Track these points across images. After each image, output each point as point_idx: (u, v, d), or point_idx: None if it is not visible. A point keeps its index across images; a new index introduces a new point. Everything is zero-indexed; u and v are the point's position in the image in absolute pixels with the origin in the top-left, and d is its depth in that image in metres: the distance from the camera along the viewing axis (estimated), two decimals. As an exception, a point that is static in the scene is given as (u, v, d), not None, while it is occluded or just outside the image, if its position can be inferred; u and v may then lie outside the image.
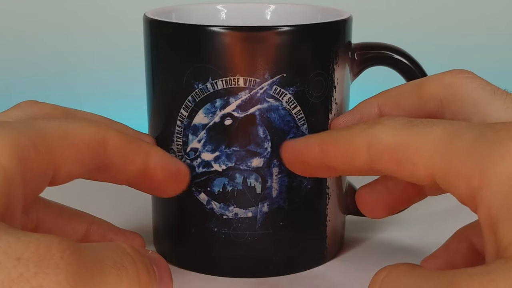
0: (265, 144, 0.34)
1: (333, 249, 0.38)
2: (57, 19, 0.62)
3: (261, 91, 0.33)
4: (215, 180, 0.35)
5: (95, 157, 0.30)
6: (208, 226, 0.35)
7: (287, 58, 0.33)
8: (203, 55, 0.33)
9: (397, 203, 0.35)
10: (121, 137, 0.30)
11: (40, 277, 0.21)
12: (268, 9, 0.39)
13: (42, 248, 0.22)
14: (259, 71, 0.33)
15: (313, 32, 0.34)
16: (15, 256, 0.21)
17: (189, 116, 0.34)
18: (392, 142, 0.28)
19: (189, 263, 0.36)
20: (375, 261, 0.37)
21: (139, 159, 0.31)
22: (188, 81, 0.33)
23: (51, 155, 0.27)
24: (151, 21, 0.35)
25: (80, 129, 0.29)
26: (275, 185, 0.35)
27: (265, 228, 0.35)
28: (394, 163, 0.28)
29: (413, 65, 0.37)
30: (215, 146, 0.34)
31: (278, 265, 0.36)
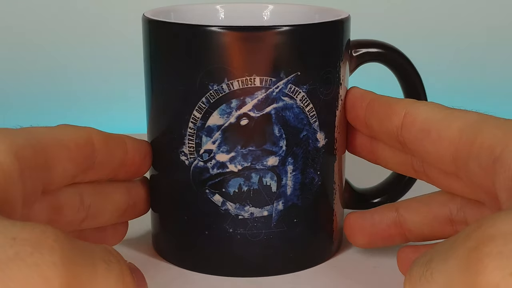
0: (280, 142, 0.34)
1: (337, 244, 0.39)
2: (56, 20, 0.61)
3: (276, 90, 0.33)
4: (230, 181, 0.34)
5: (86, 156, 0.32)
6: (223, 227, 0.35)
7: (301, 57, 0.34)
8: (218, 56, 0.33)
9: (378, 236, 0.36)
10: (101, 134, 0.34)
11: (35, 257, 0.22)
12: (266, 9, 0.39)
13: (37, 232, 0.23)
14: (275, 70, 0.33)
15: (324, 30, 0.34)
16: (11, 236, 0.22)
17: (202, 118, 0.34)
18: (426, 115, 0.32)
19: (203, 266, 0.36)
20: (375, 253, 0.38)
21: (119, 150, 0.35)
22: (202, 83, 0.33)
23: (46, 154, 0.29)
24: (158, 22, 0.35)
25: (68, 132, 0.32)
26: (290, 183, 0.35)
27: (280, 226, 0.35)
28: (422, 132, 0.31)
29: (406, 63, 0.38)
30: (230, 147, 0.34)
31: (293, 262, 0.36)
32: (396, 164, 0.36)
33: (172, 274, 0.36)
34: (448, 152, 0.30)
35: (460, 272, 0.22)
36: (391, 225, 0.36)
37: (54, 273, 0.22)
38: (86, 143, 0.32)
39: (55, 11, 0.61)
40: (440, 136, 0.31)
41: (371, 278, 0.36)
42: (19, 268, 0.21)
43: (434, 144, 0.31)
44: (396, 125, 0.33)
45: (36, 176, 0.29)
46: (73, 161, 0.31)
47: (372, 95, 0.35)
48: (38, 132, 0.30)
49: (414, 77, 0.39)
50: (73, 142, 0.31)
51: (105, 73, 0.62)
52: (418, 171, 0.35)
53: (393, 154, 0.36)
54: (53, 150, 0.30)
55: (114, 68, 0.62)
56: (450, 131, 0.30)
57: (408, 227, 0.35)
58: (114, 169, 0.35)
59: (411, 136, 0.32)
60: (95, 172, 0.34)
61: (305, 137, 0.35)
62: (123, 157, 0.35)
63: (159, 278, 0.36)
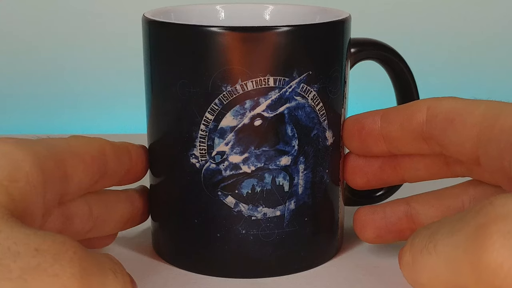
0: (292, 142, 0.34)
1: (341, 241, 0.39)
2: (56, 20, 0.61)
3: (289, 89, 0.33)
4: (243, 182, 0.34)
5: (99, 167, 0.33)
6: (236, 229, 0.35)
7: (314, 56, 0.34)
8: (232, 57, 0.33)
9: (388, 230, 0.37)
10: (112, 144, 0.34)
11: (56, 268, 0.23)
12: (267, 9, 0.39)
13: (58, 243, 0.24)
14: (289, 70, 0.33)
15: (335, 29, 0.34)
16: (34, 247, 0.23)
17: (215, 120, 0.33)
18: (449, 105, 0.32)
19: (215, 269, 0.36)
20: (376, 253, 0.38)
21: (126, 158, 0.35)
22: (215, 84, 0.33)
23: (65, 167, 0.30)
24: (167, 24, 0.34)
25: (82, 144, 0.33)
26: (301, 182, 0.35)
27: (292, 225, 0.35)
28: (447, 122, 0.32)
29: (400, 62, 0.39)
30: (244, 148, 0.34)
31: (304, 261, 0.37)
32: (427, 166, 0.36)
33: (175, 276, 0.36)
34: (470, 137, 0.31)
35: (466, 246, 0.23)
36: (402, 218, 0.36)
37: (73, 284, 0.23)
38: (100, 155, 0.33)
39: (54, 11, 0.60)
40: (463, 123, 0.31)
41: (372, 278, 0.36)
42: (41, 278, 0.23)
43: (458, 131, 0.32)
44: (420, 122, 0.33)
45: (55, 188, 0.30)
46: (88, 173, 0.32)
47: (379, 110, 0.36)
48: (57, 144, 0.31)
49: (407, 76, 0.39)
50: (89, 154, 0.32)
51: (105, 74, 0.61)
52: (450, 162, 0.35)
53: (418, 161, 0.36)
54: (70, 163, 0.31)
55: (113, 69, 0.61)
56: (473, 116, 0.31)
57: (420, 220, 0.36)
58: (122, 177, 0.36)
59: (436, 127, 0.33)
60: (105, 181, 0.34)
61: (316, 136, 0.35)
62: (129, 165, 0.36)
63: (161, 279, 0.36)
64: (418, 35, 0.62)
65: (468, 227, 0.23)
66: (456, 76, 0.64)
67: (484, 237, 0.22)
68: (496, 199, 0.23)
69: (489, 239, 0.22)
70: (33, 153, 0.28)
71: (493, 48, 0.64)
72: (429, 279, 0.26)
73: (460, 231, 0.23)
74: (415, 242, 0.26)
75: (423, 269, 0.26)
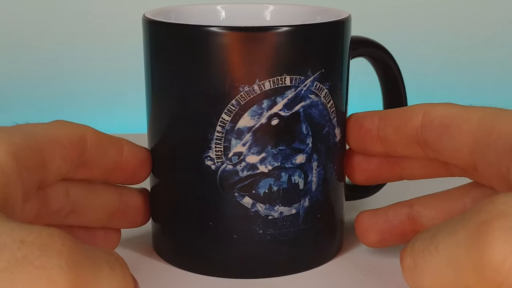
0: (307, 140, 0.35)
1: (342, 237, 0.40)
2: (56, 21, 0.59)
3: (304, 88, 0.34)
4: (260, 182, 0.34)
5: (79, 154, 0.32)
6: (253, 229, 0.35)
7: (325, 54, 0.34)
8: (250, 58, 0.33)
9: (391, 233, 0.37)
10: (97, 133, 0.34)
11: (43, 260, 0.22)
12: (267, 9, 0.39)
13: (45, 235, 0.23)
14: (304, 68, 0.33)
15: (343, 27, 0.35)
16: (19, 239, 0.22)
17: (232, 121, 0.33)
18: (445, 112, 0.33)
19: (230, 270, 0.36)
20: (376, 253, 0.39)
21: (113, 151, 0.35)
22: (232, 85, 0.33)
23: (41, 153, 0.30)
24: (176, 26, 0.34)
25: (61, 129, 0.32)
26: (314, 179, 0.35)
27: (306, 222, 0.36)
28: (442, 128, 0.32)
29: (390, 60, 0.40)
30: (261, 148, 0.34)
31: (317, 258, 0.37)
32: (424, 166, 0.36)
33: (181, 279, 0.36)
34: (466, 144, 0.31)
35: (467, 244, 0.23)
36: (404, 221, 0.36)
37: (61, 276, 0.22)
38: (80, 141, 0.32)
39: (54, 12, 0.59)
40: (460, 129, 0.32)
41: (372, 278, 0.36)
42: (27, 270, 0.22)
43: (454, 137, 0.32)
44: (416, 126, 0.34)
45: (32, 175, 0.29)
46: (67, 159, 0.32)
47: (380, 111, 0.36)
48: (34, 130, 0.31)
49: (396, 76, 0.40)
50: (68, 140, 0.32)
51: (105, 74, 0.60)
52: (448, 163, 0.35)
53: (413, 161, 0.36)
54: (48, 149, 0.30)
55: (114, 69, 0.60)
56: (469, 123, 0.31)
57: (422, 222, 0.36)
58: (107, 170, 0.35)
59: (431, 133, 0.33)
60: (87, 170, 0.34)
61: (327, 133, 0.35)
62: (117, 159, 0.35)
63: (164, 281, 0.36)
64: (418, 35, 0.63)
65: (470, 225, 0.23)
66: (456, 76, 0.64)
67: (486, 234, 0.22)
68: (497, 197, 0.24)
69: (490, 235, 0.22)
70: (7, 141, 0.27)
71: (494, 48, 0.65)
72: (431, 281, 0.25)
73: (462, 229, 0.24)
74: (415, 245, 0.26)
75: (424, 272, 0.26)
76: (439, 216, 0.36)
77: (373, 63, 0.41)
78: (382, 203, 0.39)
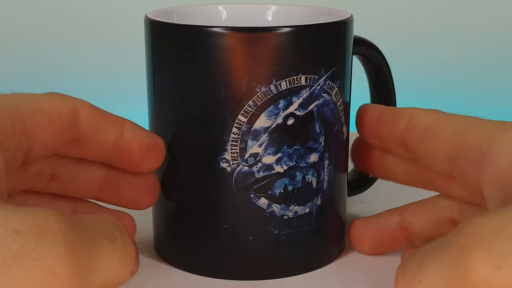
0: (320, 138, 0.35)
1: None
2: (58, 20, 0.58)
3: (318, 87, 0.34)
4: (276, 182, 0.34)
5: (69, 128, 0.31)
6: (268, 230, 0.35)
7: (336, 53, 0.35)
8: (266, 57, 0.32)
9: (383, 240, 0.38)
10: (93, 108, 0.32)
11: (40, 250, 0.22)
12: (269, 10, 0.39)
13: (39, 221, 0.22)
14: (317, 67, 0.34)
15: (349, 27, 0.35)
16: (13, 229, 0.22)
17: (248, 122, 0.33)
18: (428, 118, 0.34)
19: (246, 272, 0.35)
20: None
21: (112, 131, 0.33)
22: (249, 85, 0.33)
23: (23, 122, 0.29)
24: (188, 27, 0.33)
25: (49, 100, 0.31)
26: (326, 177, 0.36)
27: (319, 221, 0.36)
28: (422, 133, 0.34)
29: (381, 59, 0.41)
30: (277, 148, 0.34)
31: (330, 255, 0.37)
32: (405, 175, 0.37)
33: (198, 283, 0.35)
34: (442, 151, 0.33)
35: (452, 268, 0.24)
36: (396, 228, 0.37)
37: (60, 265, 0.22)
38: (70, 114, 0.31)
39: (55, 12, 0.58)
40: (437, 136, 0.33)
41: (371, 278, 0.36)
42: (24, 263, 0.21)
43: (431, 144, 0.33)
44: (401, 129, 0.35)
45: (14, 149, 0.28)
46: (54, 132, 0.30)
47: (382, 106, 0.37)
48: (18, 99, 0.29)
49: (386, 76, 0.41)
50: (56, 112, 0.30)
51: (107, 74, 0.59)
52: (424, 180, 0.36)
53: (401, 164, 0.37)
54: (31, 119, 0.29)
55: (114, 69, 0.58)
56: (447, 131, 0.33)
57: (413, 230, 0.37)
58: (105, 151, 0.33)
59: (413, 137, 0.34)
60: (82, 147, 0.32)
61: (337, 131, 0.36)
62: (116, 140, 0.33)
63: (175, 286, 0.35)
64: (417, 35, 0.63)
65: (451, 249, 0.24)
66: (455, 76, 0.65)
67: (467, 257, 0.23)
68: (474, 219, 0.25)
69: (471, 258, 0.23)
70: None
71: (494, 48, 0.66)
72: None
73: (444, 254, 0.24)
74: (406, 270, 0.26)
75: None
76: (428, 224, 0.37)
77: (364, 62, 0.41)
78: (379, 205, 0.39)
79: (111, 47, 0.60)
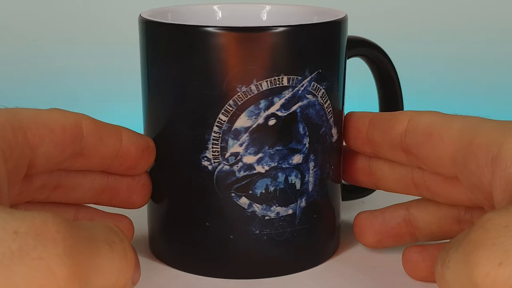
0: (304, 140, 0.34)
1: (339, 238, 0.40)
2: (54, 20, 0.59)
3: (302, 88, 0.34)
4: (257, 182, 0.34)
5: (73, 141, 0.32)
6: (250, 229, 0.35)
7: (322, 54, 0.34)
8: (247, 57, 0.32)
9: (387, 234, 0.37)
10: (93, 121, 0.33)
11: (39, 250, 0.22)
12: (264, 9, 0.39)
13: (38, 223, 0.22)
14: (301, 68, 0.33)
15: (340, 28, 0.35)
16: (12, 230, 0.22)
17: (229, 121, 0.33)
18: (428, 120, 0.33)
19: (227, 271, 0.35)
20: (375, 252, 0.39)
21: (112, 140, 0.34)
22: (230, 85, 0.33)
23: (26, 134, 0.29)
24: (170, 26, 0.33)
25: (52, 114, 0.31)
26: (311, 179, 0.35)
27: (303, 222, 0.36)
28: (424, 136, 0.33)
29: (386, 61, 0.40)
30: (258, 148, 0.34)
31: (314, 258, 0.37)
32: (396, 182, 0.37)
33: (182, 280, 0.36)
34: (448, 153, 0.32)
35: (463, 262, 0.24)
36: (401, 223, 0.37)
37: (59, 265, 0.22)
38: (74, 128, 0.32)
39: (53, 12, 0.59)
40: (441, 138, 0.32)
41: (371, 278, 0.36)
42: (23, 263, 0.21)
43: (435, 146, 0.32)
44: (400, 132, 0.34)
45: (17, 159, 0.28)
46: (58, 145, 0.31)
47: (373, 113, 0.37)
48: (21, 113, 0.30)
49: (392, 77, 0.40)
50: (59, 125, 0.31)
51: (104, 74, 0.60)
52: (418, 184, 0.36)
53: (393, 170, 0.37)
54: (34, 131, 0.30)
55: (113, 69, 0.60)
56: (450, 132, 0.32)
57: (418, 225, 0.36)
58: (107, 159, 0.34)
59: (414, 140, 0.34)
60: (85, 160, 0.33)
61: (324, 133, 0.35)
62: (117, 148, 0.34)
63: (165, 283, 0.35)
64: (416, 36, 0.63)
65: (464, 245, 0.25)
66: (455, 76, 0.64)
67: (474, 252, 0.24)
68: (485, 215, 0.25)
69: (477, 254, 0.24)
70: None
71: (492, 49, 0.65)
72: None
73: (460, 247, 0.25)
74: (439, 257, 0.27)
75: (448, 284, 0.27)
76: (434, 221, 0.36)
77: (369, 63, 0.41)
78: (379, 204, 0.39)
79: (110, 47, 0.61)
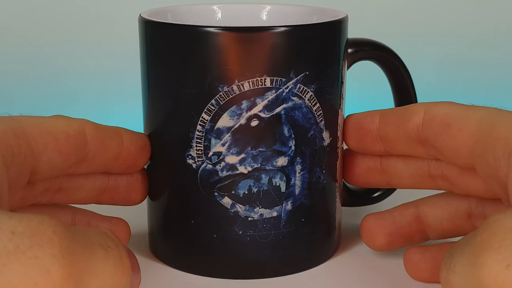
0: (289, 142, 0.34)
1: (338, 241, 0.39)
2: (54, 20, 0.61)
3: (286, 90, 0.33)
4: (240, 183, 0.34)
5: (76, 149, 0.32)
6: (233, 230, 0.35)
7: (311, 56, 0.34)
8: (229, 57, 0.32)
9: (398, 234, 0.36)
10: (95, 126, 0.33)
11: (35, 249, 0.22)
12: (263, 9, 0.39)
13: (35, 224, 0.23)
14: (285, 70, 0.33)
15: (331, 29, 0.34)
16: (9, 230, 0.22)
17: (211, 120, 0.33)
18: (446, 110, 0.33)
19: (211, 269, 0.36)
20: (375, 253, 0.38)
21: (114, 142, 0.34)
22: (212, 84, 0.33)
23: (29, 142, 0.30)
24: (163, 24, 0.34)
25: (56, 122, 0.32)
26: (298, 183, 0.35)
27: (289, 226, 0.35)
28: (443, 126, 0.32)
29: (398, 63, 0.39)
30: (240, 148, 0.34)
31: (301, 262, 0.36)
32: (411, 176, 0.36)
33: (171, 276, 0.36)
34: (466, 144, 0.31)
35: (470, 265, 0.24)
36: (412, 221, 0.36)
37: (54, 265, 0.22)
38: (77, 135, 0.32)
39: (53, 12, 0.60)
40: (460, 129, 0.32)
41: (371, 278, 0.36)
42: (19, 261, 0.22)
43: (454, 137, 0.32)
44: (417, 124, 0.34)
45: (19, 166, 0.29)
46: (62, 152, 0.31)
47: (381, 110, 0.36)
48: (24, 121, 0.30)
49: (404, 76, 0.39)
50: (63, 133, 0.31)
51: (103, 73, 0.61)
52: (435, 175, 0.35)
53: (407, 165, 0.36)
54: (37, 139, 0.30)
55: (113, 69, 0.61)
56: (469, 123, 0.31)
57: (429, 222, 0.36)
58: (109, 162, 0.35)
59: (432, 131, 0.33)
60: (88, 164, 0.34)
61: (313, 136, 0.35)
62: (118, 150, 0.35)
63: (157, 280, 0.36)
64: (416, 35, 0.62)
65: (471, 247, 0.24)
66: (454, 76, 0.64)
67: (480, 254, 0.24)
68: (492, 217, 0.25)
69: (483, 256, 0.23)
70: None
71: (493, 48, 0.64)
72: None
73: (467, 251, 0.25)
74: (443, 262, 0.26)
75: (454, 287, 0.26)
76: (445, 216, 0.36)
77: (382, 66, 0.40)
78: (381, 207, 0.38)
79: (110, 47, 0.61)
